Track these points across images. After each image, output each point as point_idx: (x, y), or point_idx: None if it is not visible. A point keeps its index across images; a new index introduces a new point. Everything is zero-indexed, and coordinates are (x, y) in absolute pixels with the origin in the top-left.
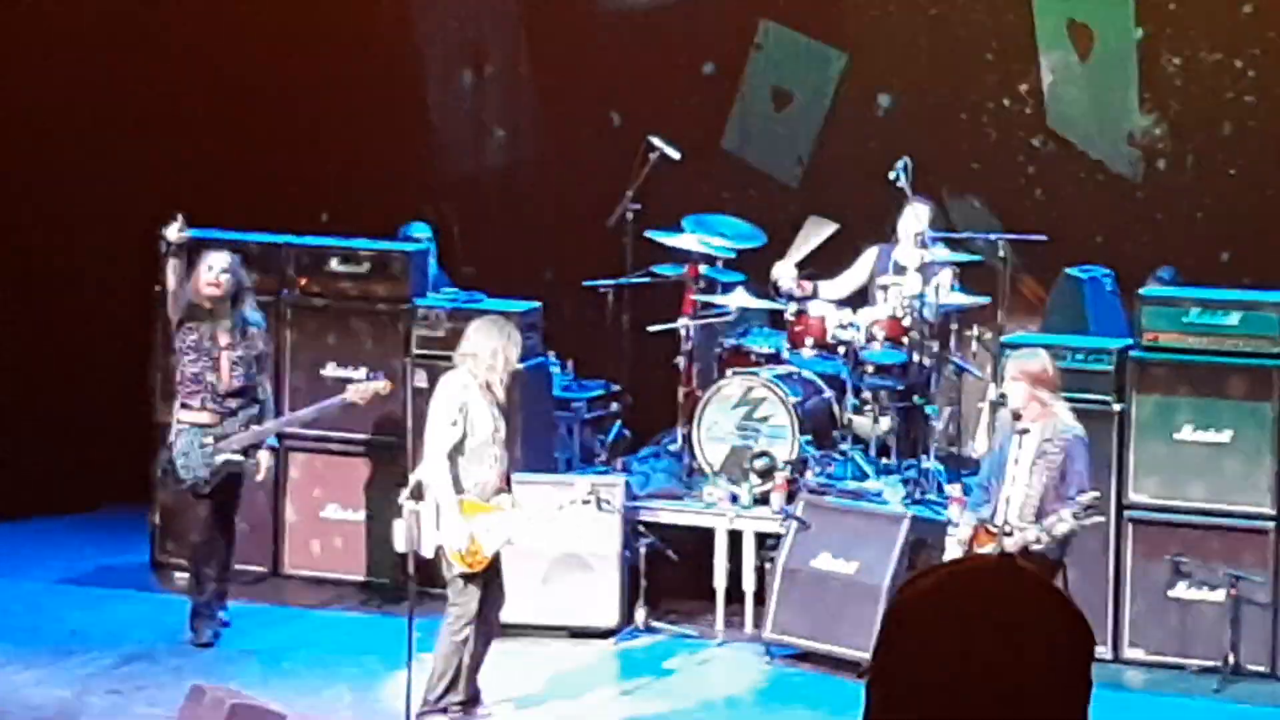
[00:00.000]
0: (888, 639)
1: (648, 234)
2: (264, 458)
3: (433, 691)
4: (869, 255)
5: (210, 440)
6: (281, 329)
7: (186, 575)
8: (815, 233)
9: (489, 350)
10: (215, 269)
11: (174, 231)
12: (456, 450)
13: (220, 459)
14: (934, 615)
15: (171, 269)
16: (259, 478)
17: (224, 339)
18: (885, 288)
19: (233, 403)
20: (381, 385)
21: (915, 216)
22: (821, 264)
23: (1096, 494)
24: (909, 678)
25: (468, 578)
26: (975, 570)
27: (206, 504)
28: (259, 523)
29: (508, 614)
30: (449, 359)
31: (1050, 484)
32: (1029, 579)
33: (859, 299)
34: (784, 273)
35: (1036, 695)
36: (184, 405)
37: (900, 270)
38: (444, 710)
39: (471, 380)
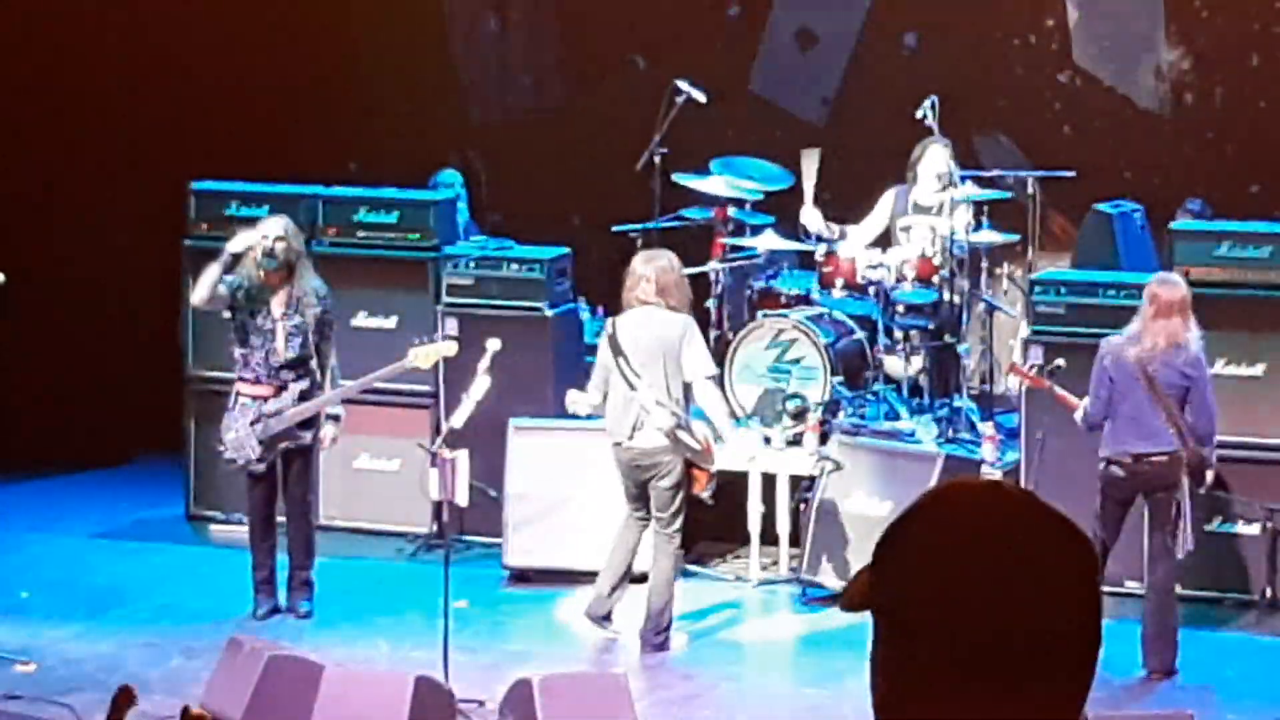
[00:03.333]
0: (888, 570)
1: (676, 178)
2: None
3: (665, 617)
4: (887, 198)
5: (261, 415)
6: None
7: (223, 528)
8: (809, 165)
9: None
10: (271, 236)
11: (238, 244)
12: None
13: (270, 434)
14: (931, 540)
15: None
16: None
17: (278, 309)
18: (907, 229)
19: (287, 375)
20: (449, 347)
21: (935, 157)
22: (847, 203)
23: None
24: (916, 604)
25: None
26: (963, 492)
27: (262, 484)
28: None
29: (539, 559)
30: (479, 307)
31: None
32: (1019, 496)
33: (883, 241)
34: (811, 218)
35: (1046, 608)
36: (240, 378)
37: (922, 210)
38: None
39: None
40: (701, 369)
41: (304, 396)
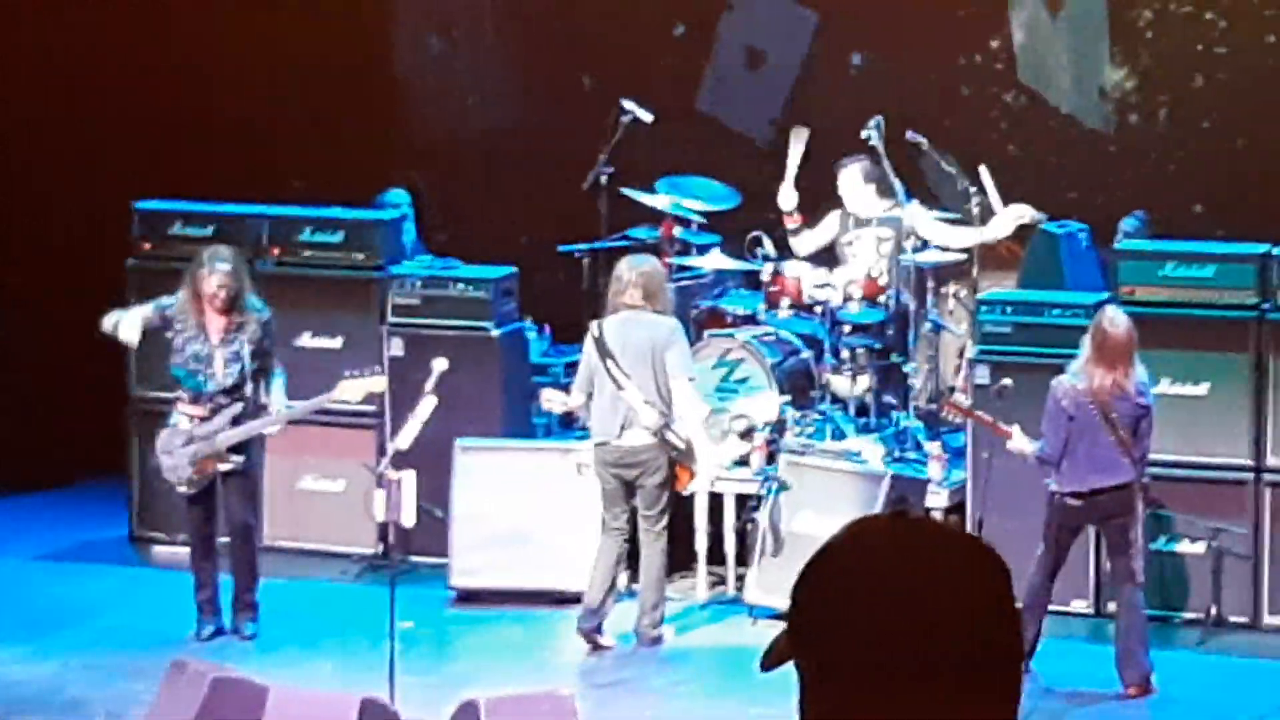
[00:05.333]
0: (805, 617)
1: (624, 191)
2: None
3: (659, 612)
4: (832, 218)
5: (193, 437)
6: None
7: (166, 550)
8: (797, 144)
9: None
10: (220, 273)
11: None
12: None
13: (201, 457)
14: (843, 580)
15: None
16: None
17: (216, 336)
18: (850, 243)
19: (223, 398)
20: (378, 382)
21: (848, 179)
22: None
23: None
24: (837, 644)
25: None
26: (868, 529)
27: (199, 505)
28: None
29: (487, 579)
30: (425, 327)
31: None
32: (924, 524)
33: (829, 260)
34: (787, 198)
35: (965, 627)
36: (177, 397)
37: (863, 224)
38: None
39: None
40: (683, 370)
41: (237, 420)
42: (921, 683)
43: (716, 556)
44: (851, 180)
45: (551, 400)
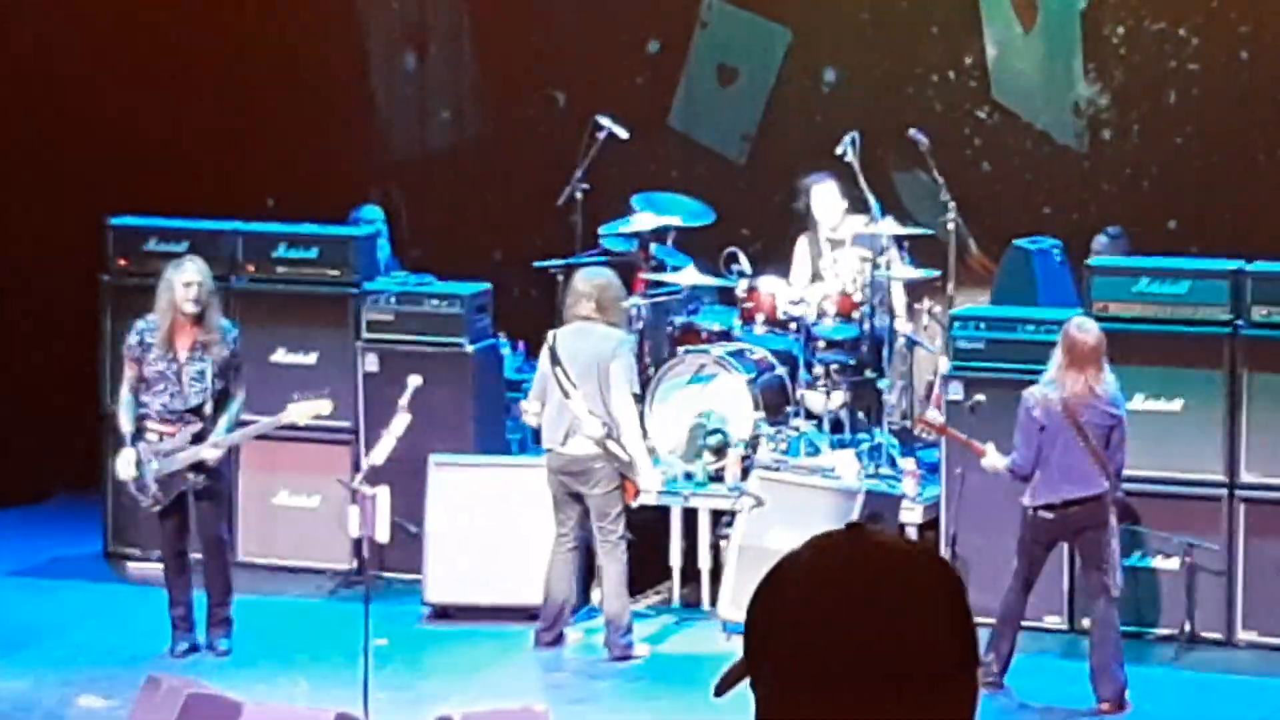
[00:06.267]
0: (759, 636)
1: (601, 231)
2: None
3: (625, 620)
4: (801, 244)
5: (156, 453)
6: (230, 316)
7: (140, 566)
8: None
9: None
10: (193, 284)
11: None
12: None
13: (164, 473)
14: (795, 596)
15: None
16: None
17: (184, 354)
18: (836, 261)
19: (190, 416)
20: (324, 405)
21: (822, 196)
22: (766, 238)
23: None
24: (792, 661)
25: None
26: (819, 546)
27: (171, 520)
28: None
29: (459, 595)
30: (399, 343)
31: None
32: (873, 537)
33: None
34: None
35: (919, 636)
36: (143, 414)
37: (837, 244)
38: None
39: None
40: (624, 384)
41: (198, 438)
42: (876, 694)
43: (690, 571)
44: (823, 198)
45: (526, 411)
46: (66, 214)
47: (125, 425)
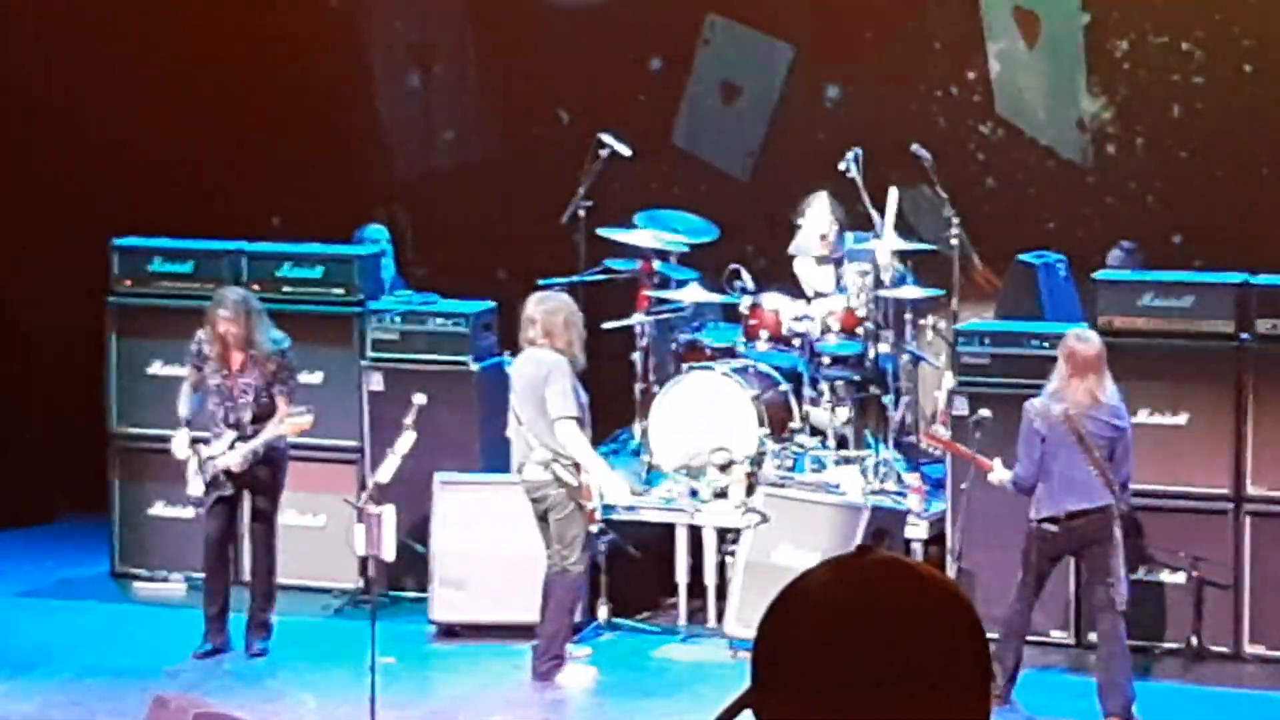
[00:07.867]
0: (766, 662)
1: (600, 231)
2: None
3: (556, 644)
4: (798, 266)
5: (206, 459)
6: None
7: (148, 586)
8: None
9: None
10: (223, 319)
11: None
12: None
13: (210, 475)
14: (802, 621)
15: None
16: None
17: (235, 368)
18: (841, 277)
19: (250, 428)
20: (306, 420)
21: (822, 210)
22: (770, 254)
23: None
24: (800, 687)
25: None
26: (827, 571)
27: (213, 523)
28: None
29: (467, 614)
30: (404, 361)
31: None
32: (881, 559)
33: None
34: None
35: (927, 656)
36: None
37: (831, 260)
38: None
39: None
40: (555, 409)
41: (233, 445)
42: (889, 718)
43: (697, 588)
44: (819, 213)
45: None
46: (72, 235)
47: (182, 410)
